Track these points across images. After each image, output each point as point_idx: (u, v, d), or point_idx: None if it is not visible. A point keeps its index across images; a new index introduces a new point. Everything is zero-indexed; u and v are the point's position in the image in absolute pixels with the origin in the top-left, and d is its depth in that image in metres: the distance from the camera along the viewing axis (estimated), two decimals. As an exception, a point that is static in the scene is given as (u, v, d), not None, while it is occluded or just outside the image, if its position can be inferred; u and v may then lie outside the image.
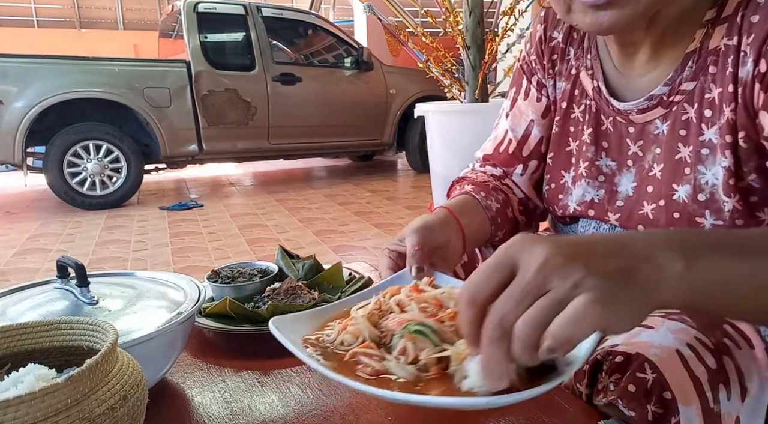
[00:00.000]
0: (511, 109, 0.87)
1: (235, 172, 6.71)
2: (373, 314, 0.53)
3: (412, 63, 3.76)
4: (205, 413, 0.62)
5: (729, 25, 0.59)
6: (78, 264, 0.69)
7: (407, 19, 3.38)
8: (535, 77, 0.84)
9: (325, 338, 0.54)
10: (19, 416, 0.38)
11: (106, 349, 0.44)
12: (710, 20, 0.61)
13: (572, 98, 0.78)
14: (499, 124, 0.90)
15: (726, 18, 0.59)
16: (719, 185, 0.62)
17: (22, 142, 4.16)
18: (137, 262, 3.01)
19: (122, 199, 4.62)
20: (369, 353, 0.48)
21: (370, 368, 0.47)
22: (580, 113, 0.77)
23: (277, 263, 1.01)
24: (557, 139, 0.80)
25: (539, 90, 0.83)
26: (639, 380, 0.51)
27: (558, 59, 0.80)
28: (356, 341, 0.51)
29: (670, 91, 0.64)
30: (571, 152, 0.78)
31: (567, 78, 0.79)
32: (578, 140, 0.77)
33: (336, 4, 11.47)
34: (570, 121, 0.78)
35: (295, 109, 5.18)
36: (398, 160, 7.20)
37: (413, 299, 0.54)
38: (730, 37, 0.59)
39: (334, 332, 0.54)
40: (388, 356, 0.48)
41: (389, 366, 0.47)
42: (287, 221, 3.88)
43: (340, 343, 0.52)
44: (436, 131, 3.07)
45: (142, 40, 11.77)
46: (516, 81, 0.88)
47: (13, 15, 12.00)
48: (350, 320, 0.54)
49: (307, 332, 0.56)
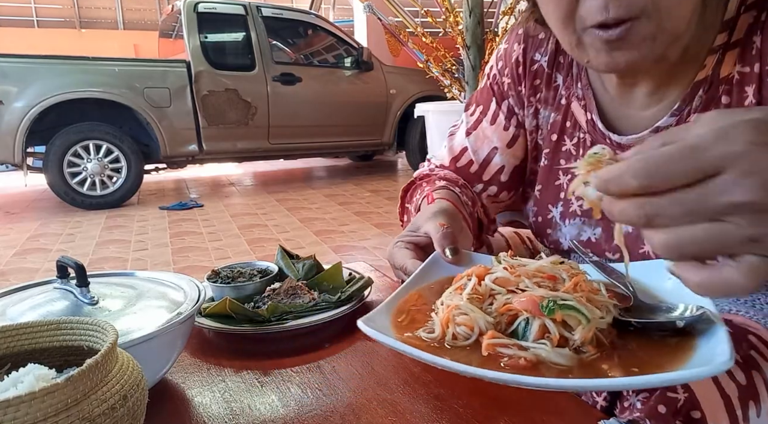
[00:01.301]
0: (474, 128, 0.82)
1: (235, 172, 6.71)
2: (473, 300, 0.47)
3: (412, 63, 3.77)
4: (205, 413, 0.62)
5: (742, 51, 0.55)
6: (78, 264, 0.69)
7: (407, 19, 3.38)
8: (506, 103, 0.78)
9: (424, 335, 0.48)
10: (19, 416, 0.38)
11: (106, 349, 0.44)
12: (721, 45, 0.56)
13: (564, 130, 0.72)
14: (455, 137, 0.85)
15: (737, 42, 0.55)
16: None
17: (22, 142, 4.16)
18: (137, 262, 3.01)
19: (122, 199, 4.62)
20: (504, 343, 0.43)
21: (521, 359, 0.41)
22: (573, 146, 0.72)
23: (277, 263, 1.01)
24: (546, 172, 0.75)
25: (508, 118, 0.78)
26: (669, 399, 0.49)
27: (542, 85, 0.73)
28: (473, 333, 0.45)
29: (677, 121, 0.60)
30: (561, 187, 0.73)
31: (556, 108, 0.73)
32: (569, 175, 0.72)
33: (336, 4, 11.47)
34: (561, 154, 0.73)
35: (295, 109, 5.18)
36: (398, 160, 7.20)
37: (522, 274, 0.48)
38: (745, 64, 0.55)
39: (436, 327, 0.47)
40: (525, 344, 0.43)
41: (540, 354, 0.42)
42: (287, 220, 3.88)
43: (452, 337, 0.46)
44: (436, 131, 3.07)
45: (142, 40, 11.76)
46: (483, 99, 0.81)
47: (13, 15, 11.99)
48: (450, 311, 0.47)
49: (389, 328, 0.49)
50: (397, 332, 0.49)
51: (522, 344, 0.43)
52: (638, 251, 0.65)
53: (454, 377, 0.64)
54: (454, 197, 0.76)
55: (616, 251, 0.68)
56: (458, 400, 0.61)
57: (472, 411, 0.59)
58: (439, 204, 0.68)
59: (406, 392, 0.62)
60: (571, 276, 0.47)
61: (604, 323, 0.43)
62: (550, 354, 0.41)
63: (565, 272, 0.48)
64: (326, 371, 0.68)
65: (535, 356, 0.42)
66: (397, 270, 0.66)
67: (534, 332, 0.43)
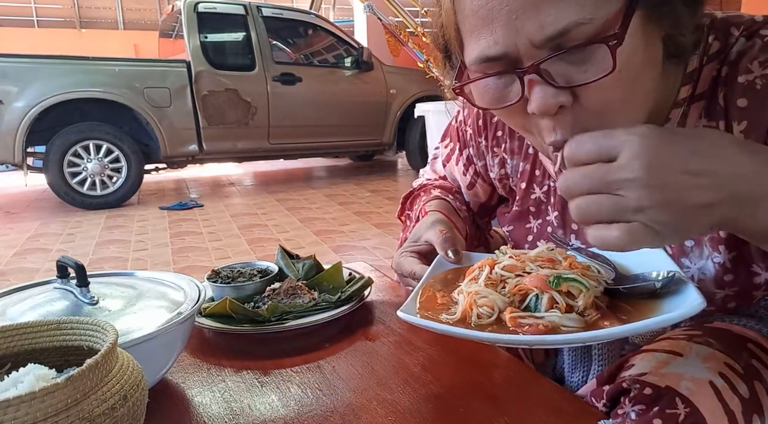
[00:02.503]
0: (448, 161, 0.85)
1: (235, 172, 6.71)
2: (488, 285, 0.56)
3: (412, 63, 3.77)
4: (205, 413, 0.62)
5: (707, 105, 0.54)
6: (78, 264, 0.69)
7: (407, 19, 3.38)
8: (467, 151, 0.80)
9: (448, 318, 0.55)
10: (19, 416, 0.38)
11: (106, 349, 0.44)
12: (685, 98, 0.55)
13: (533, 178, 0.72)
14: (437, 161, 0.89)
15: (701, 95, 0.54)
16: (708, 280, 0.58)
17: (22, 142, 4.16)
18: (137, 262, 3.01)
19: (122, 199, 4.62)
20: (523, 315, 0.51)
21: (539, 326, 0.50)
22: (543, 194, 0.72)
23: (277, 262, 1.01)
24: (517, 217, 0.76)
25: (466, 166, 0.81)
26: (668, 416, 0.49)
27: (505, 136, 0.74)
28: (493, 312, 0.53)
29: None
30: (531, 229, 0.74)
31: (524, 158, 0.73)
32: (540, 219, 0.73)
33: (336, 4, 11.47)
34: (530, 201, 0.74)
35: (295, 109, 5.18)
36: (398, 160, 7.20)
37: (527, 260, 0.56)
38: (712, 119, 0.54)
39: (458, 311, 0.55)
40: (539, 314, 0.51)
41: (554, 320, 0.50)
42: (287, 220, 3.88)
43: (477, 316, 0.53)
44: (436, 131, 3.07)
45: (142, 40, 11.76)
46: (452, 138, 0.83)
47: (13, 15, 11.99)
48: (473, 296, 0.55)
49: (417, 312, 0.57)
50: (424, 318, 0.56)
51: (536, 315, 0.51)
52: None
53: (455, 377, 0.64)
54: (446, 207, 0.79)
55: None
56: (458, 400, 0.61)
57: (472, 411, 0.59)
58: (433, 215, 0.73)
59: (406, 392, 0.62)
60: (565, 258, 0.56)
61: (599, 291, 0.52)
62: (562, 319, 0.49)
63: (559, 255, 0.57)
64: (326, 371, 0.68)
65: (550, 323, 0.50)
66: (405, 278, 0.69)
67: (545, 304, 0.51)
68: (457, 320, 0.54)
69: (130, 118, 4.69)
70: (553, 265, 0.55)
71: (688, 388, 0.49)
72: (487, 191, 0.83)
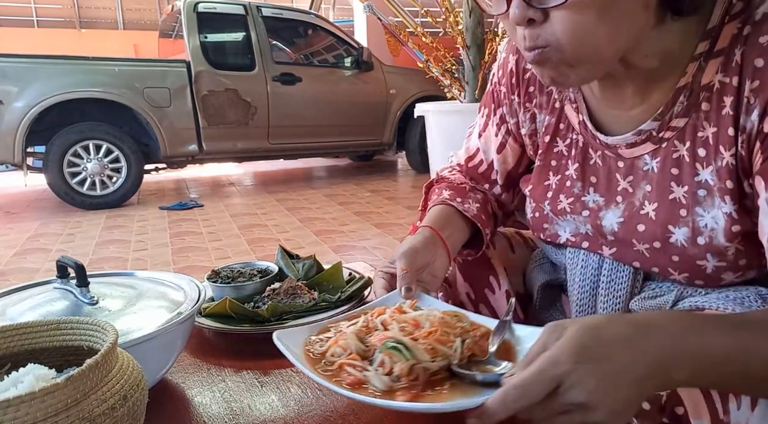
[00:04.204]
0: (484, 130, 0.86)
1: (235, 172, 6.71)
2: (360, 331, 0.61)
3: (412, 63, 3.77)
4: (205, 413, 0.62)
5: (725, 61, 0.56)
6: (78, 264, 0.69)
7: (407, 19, 3.38)
8: (500, 111, 0.82)
9: (316, 349, 0.61)
10: (19, 416, 0.38)
11: (106, 349, 0.44)
12: (702, 53, 0.57)
13: (557, 132, 0.75)
14: (471, 138, 0.89)
15: (720, 52, 0.56)
16: (719, 230, 0.59)
17: (22, 142, 4.16)
18: (137, 262, 3.01)
19: (122, 199, 4.62)
20: (354, 364, 0.56)
21: (352, 377, 0.55)
22: (565, 147, 0.74)
23: (277, 263, 1.01)
24: (539, 172, 0.78)
25: (498, 125, 0.82)
26: (653, 398, 0.52)
27: (536, 92, 0.77)
28: (344, 353, 0.58)
29: (659, 126, 0.62)
30: (549, 186, 0.76)
31: (551, 111, 0.76)
32: (559, 174, 0.75)
33: (336, 4, 11.47)
34: (552, 155, 0.76)
35: (295, 109, 5.18)
36: (398, 160, 7.20)
37: (395, 319, 0.61)
38: (726, 74, 0.56)
39: (326, 345, 0.61)
40: (369, 368, 0.56)
41: (369, 376, 0.55)
42: (287, 220, 3.88)
43: (330, 354, 0.59)
44: (436, 131, 3.07)
45: (142, 40, 11.75)
46: (488, 103, 0.85)
47: (13, 15, 11.98)
48: (341, 334, 0.61)
49: (303, 342, 0.64)
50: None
51: (366, 367, 0.56)
52: (632, 250, 0.67)
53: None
54: (443, 217, 0.81)
55: (612, 246, 0.70)
56: (458, 400, 0.60)
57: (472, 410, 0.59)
58: (419, 235, 0.76)
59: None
60: (433, 326, 0.59)
61: (433, 365, 0.55)
62: (374, 378, 0.54)
63: (431, 323, 0.60)
64: (326, 371, 0.68)
65: (364, 377, 0.55)
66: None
67: (377, 360, 0.56)
68: (321, 353, 0.60)
69: (130, 118, 4.68)
70: (415, 329, 0.59)
71: None
72: (516, 153, 0.84)
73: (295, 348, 0.61)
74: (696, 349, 0.47)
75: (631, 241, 0.66)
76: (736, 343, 0.47)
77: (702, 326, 0.49)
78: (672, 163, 0.62)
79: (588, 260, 0.73)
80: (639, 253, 0.66)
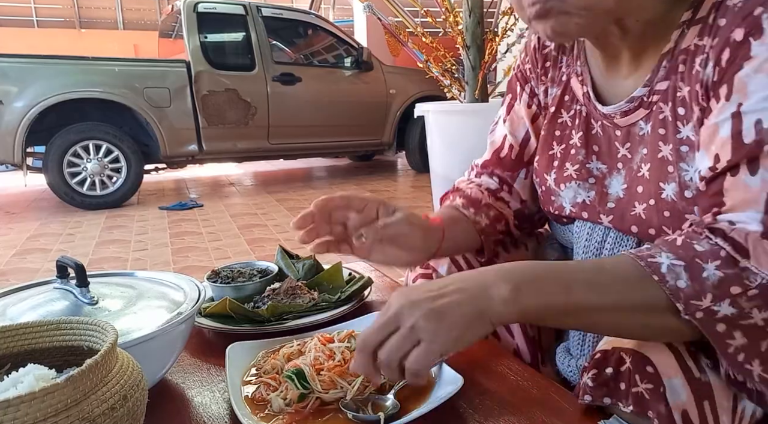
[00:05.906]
0: (508, 114, 0.88)
1: (235, 172, 6.71)
2: (294, 353, 0.68)
3: (412, 63, 3.77)
4: (205, 413, 0.62)
5: (702, 26, 0.59)
6: (78, 264, 0.69)
7: (407, 19, 3.38)
8: (529, 85, 0.85)
9: (261, 363, 0.69)
10: (19, 416, 0.38)
11: (106, 349, 0.44)
12: (686, 21, 0.61)
13: (561, 103, 0.79)
14: (495, 131, 0.91)
15: (700, 19, 0.60)
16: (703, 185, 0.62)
17: (22, 142, 4.16)
18: (137, 262, 3.01)
19: (122, 199, 4.61)
20: (268, 383, 0.63)
21: (259, 394, 0.62)
22: (569, 118, 0.78)
23: (277, 262, 1.01)
24: (543, 142, 0.82)
25: (531, 96, 0.85)
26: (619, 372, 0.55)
27: (551, 67, 0.82)
28: (273, 371, 0.65)
29: (648, 91, 0.65)
30: (554, 156, 0.79)
31: (558, 84, 0.80)
32: (564, 144, 0.78)
33: (336, 4, 11.47)
34: (556, 125, 0.79)
35: (295, 109, 5.18)
36: (398, 160, 7.20)
37: (317, 348, 0.67)
38: (701, 38, 0.59)
39: (267, 362, 0.68)
40: (279, 389, 0.62)
41: (270, 397, 0.61)
42: (287, 220, 3.88)
43: (264, 371, 0.66)
44: (436, 131, 3.06)
45: (142, 40, 11.75)
46: (511, 88, 0.89)
47: (13, 15, 11.99)
48: (275, 354, 0.69)
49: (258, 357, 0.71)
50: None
51: (277, 387, 0.62)
52: (630, 214, 0.69)
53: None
54: (450, 218, 0.82)
55: (609, 213, 0.72)
56: (458, 399, 0.61)
57: (472, 410, 0.59)
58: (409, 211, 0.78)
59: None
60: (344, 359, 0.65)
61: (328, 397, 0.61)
62: (273, 399, 0.60)
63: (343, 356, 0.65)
64: (326, 371, 0.68)
65: (268, 397, 0.61)
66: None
67: (284, 384, 0.62)
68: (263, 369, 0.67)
69: (129, 118, 4.68)
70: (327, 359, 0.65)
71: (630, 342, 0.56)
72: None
73: (245, 359, 0.70)
74: (525, 268, 0.55)
75: (633, 203, 0.69)
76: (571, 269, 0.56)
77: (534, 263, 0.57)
78: (659, 123, 0.65)
79: (593, 233, 0.75)
80: (636, 216, 0.68)
